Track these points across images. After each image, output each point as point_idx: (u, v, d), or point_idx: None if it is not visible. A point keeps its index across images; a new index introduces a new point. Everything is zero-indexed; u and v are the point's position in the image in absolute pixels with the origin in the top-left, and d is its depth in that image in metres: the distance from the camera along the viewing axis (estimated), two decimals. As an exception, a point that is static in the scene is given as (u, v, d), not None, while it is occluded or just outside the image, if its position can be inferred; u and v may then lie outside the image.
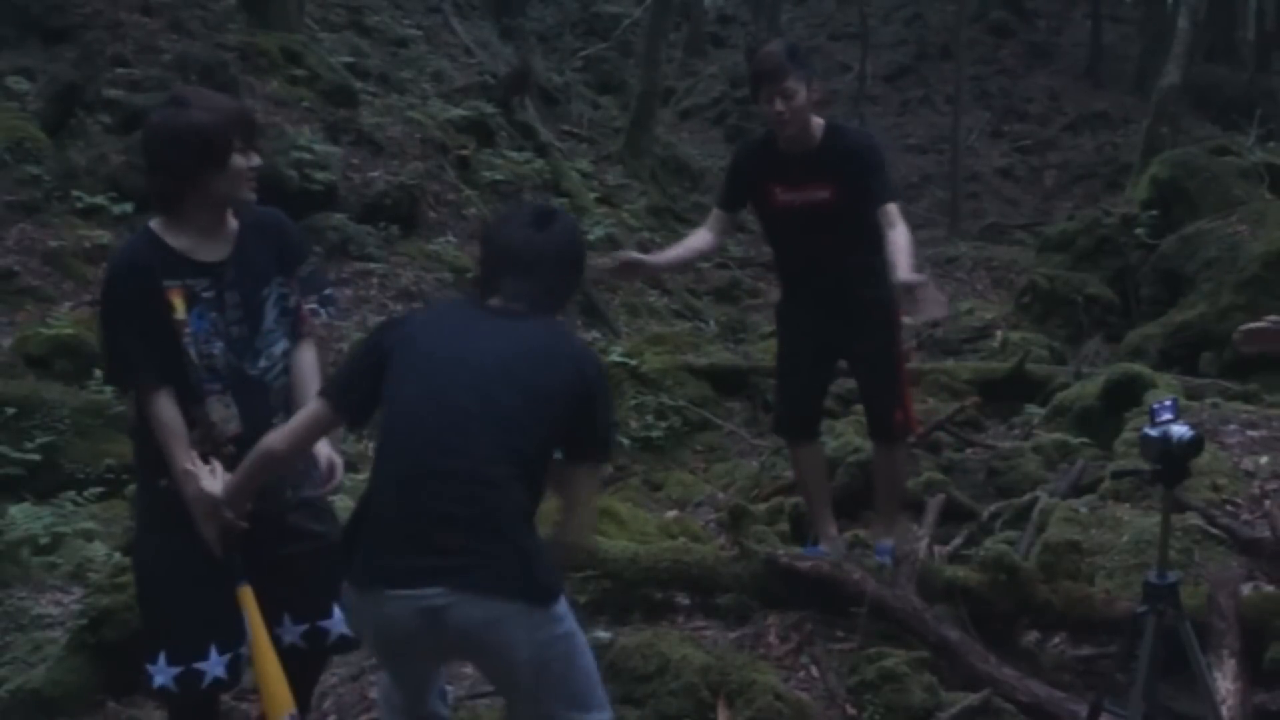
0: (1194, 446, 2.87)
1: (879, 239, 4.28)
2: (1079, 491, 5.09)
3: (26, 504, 4.99)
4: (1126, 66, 22.18)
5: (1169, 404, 2.94)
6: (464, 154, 11.68)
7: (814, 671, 3.76)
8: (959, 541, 4.84)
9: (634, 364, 7.54)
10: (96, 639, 3.80)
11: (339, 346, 7.60)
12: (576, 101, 18.16)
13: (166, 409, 2.77)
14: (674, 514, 5.48)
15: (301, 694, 3.03)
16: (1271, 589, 3.83)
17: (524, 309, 2.60)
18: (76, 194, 8.23)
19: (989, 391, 7.09)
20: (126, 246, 2.98)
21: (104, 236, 7.91)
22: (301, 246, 3.09)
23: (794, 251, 4.37)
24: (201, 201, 2.80)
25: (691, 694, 3.42)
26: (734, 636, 3.96)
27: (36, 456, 5.39)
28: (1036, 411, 6.71)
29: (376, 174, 10.34)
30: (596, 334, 9.56)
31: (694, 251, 4.56)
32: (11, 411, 5.52)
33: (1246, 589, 3.70)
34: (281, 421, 2.85)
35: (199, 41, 10.61)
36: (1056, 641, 4.08)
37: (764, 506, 5.08)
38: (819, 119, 4.28)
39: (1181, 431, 2.86)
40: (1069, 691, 3.52)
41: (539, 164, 12.75)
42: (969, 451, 6.15)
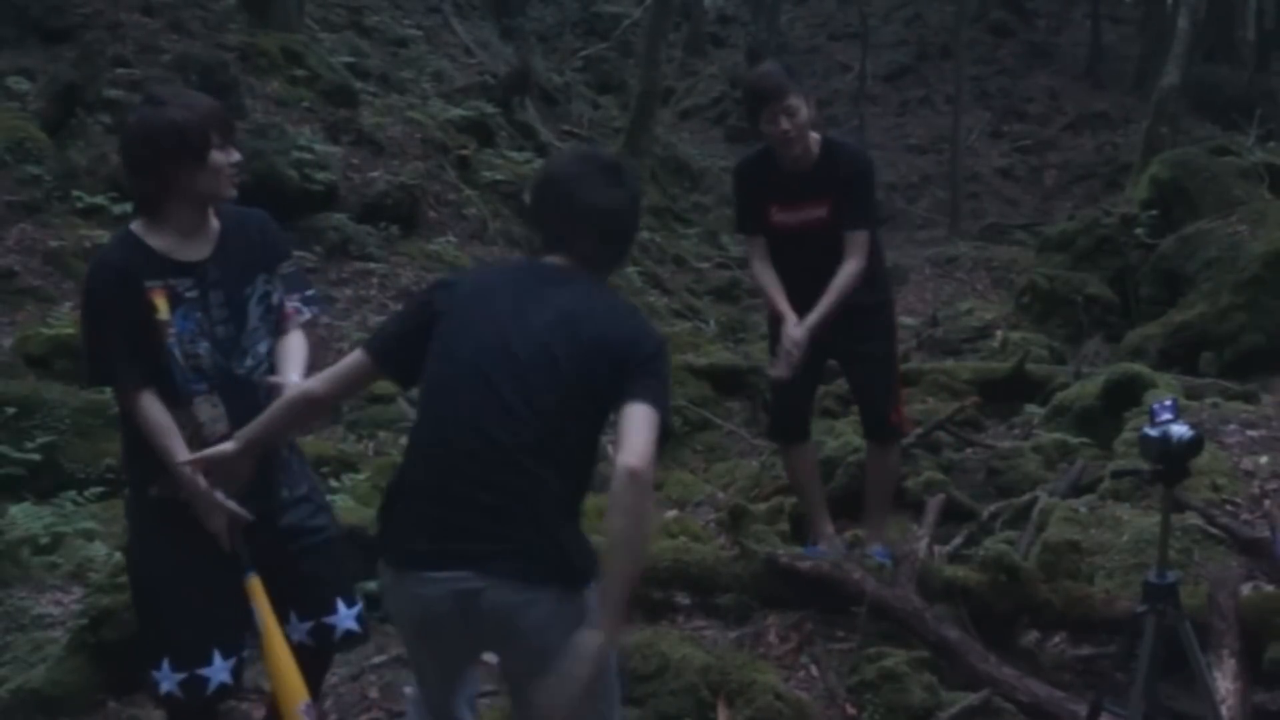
0: (1194, 446, 2.87)
1: (872, 247, 4.29)
2: (1079, 491, 5.09)
3: (26, 504, 4.99)
4: (1126, 66, 22.19)
5: (1169, 404, 2.94)
6: (464, 154, 11.69)
7: (814, 671, 3.76)
8: (959, 541, 4.83)
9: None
10: (96, 639, 3.80)
11: (339, 346, 7.61)
12: (576, 101, 18.17)
13: (153, 409, 2.76)
14: (674, 514, 5.48)
15: (312, 690, 3.01)
16: (1271, 589, 3.83)
17: (585, 271, 2.54)
18: (76, 194, 8.23)
19: (989, 391, 7.07)
20: (106, 248, 2.97)
21: (104, 236, 7.88)
22: (284, 244, 3.08)
23: (790, 267, 4.36)
24: (183, 200, 2.79)
25: (691, 694, 3.43)
26: (734, 636, 3.96)
27: (36, 456, 5.39)
28: (1036, 411, 6.70)
29: (376, 174, 10.34)
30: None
31: (779, 286, 4.32)
32: (11, 411, 5.52)
33: (1246, 589, 3.71)
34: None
35: (199, 41, 10.62)
36: (1056, 641, 4.08)
37: (764, 506, 5.08)
38: (815, 134, 4.26)
39: (1181, 431, 2.86)
40: (1069, 691, 3.52)
41: (539, 164, 12.75)
42: (969, 451, 6.14)
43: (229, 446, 2.73)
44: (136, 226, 2.84)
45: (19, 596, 4.36)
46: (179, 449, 2.75)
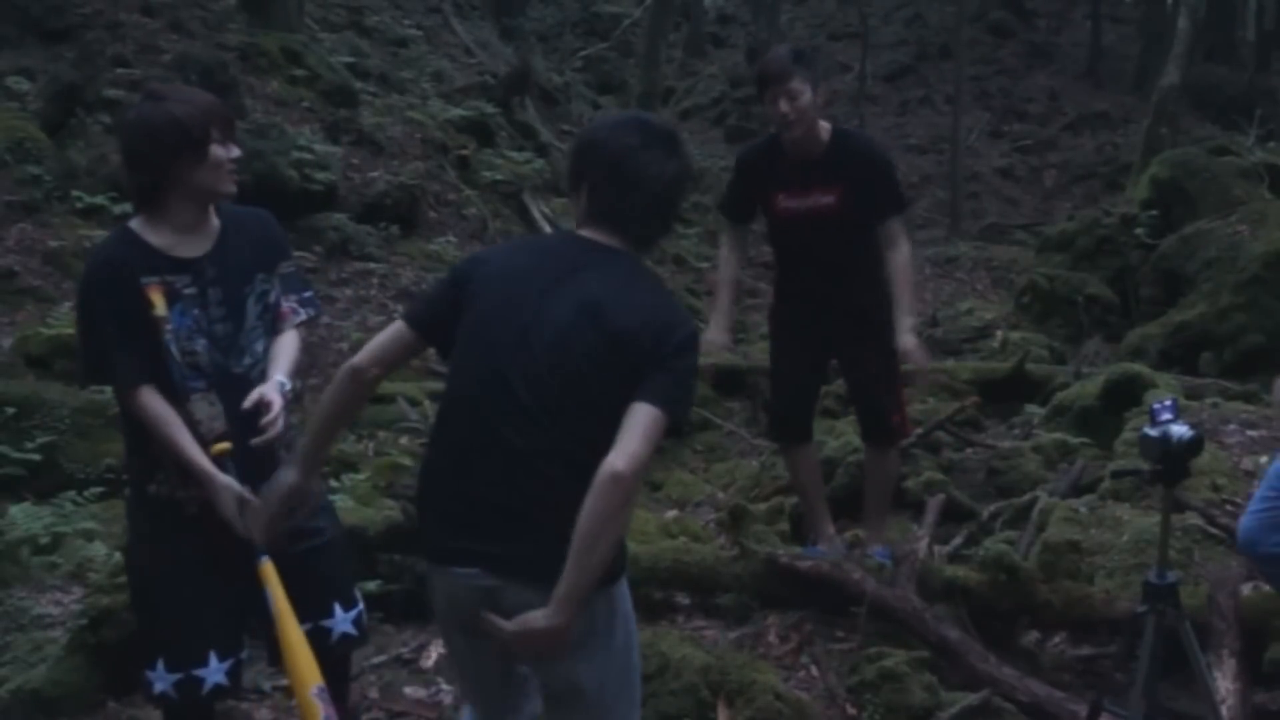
0: (1194, 446, 2.88)
1: (880, 246, 4.29)
2: (1079, 491, 5.09)
3: (26, 504, 4.98)
4: (1126, 66, 22.18)
5: (1169, 404, 2.94)
6: (464, 154, 11.68)
7: (814, 671, 3.77)
8: (959, 541, 4.84)
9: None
10: (96, 639, 3.79)
11: (339, 346, 7.61)
12: (576, 101, 18.16)
13: (155, 403, 2.73)
14: (674, 514, 5.48)
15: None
16: (1271, 589, 3.83)
17: (625, 246, 2.44)
18: (76, 194, 8.22)
19: (989, 391, 7.08)
20: (102, 244, 2.95)
21: (104, 236, 7.91)
22: (284, 244, 3.06)
23: (796, 257, 4.36)
24: (183, 195, 2.78)
25: (691, 694, 3.43)
26: (734, 636, 3.97)
27: (36, 456, 5.38)
28: (1036, 411, 6.71)
29: (376, 174, 10.34)
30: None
31: (735, 284, 4.57)
32: (11, 411, 5.51)
33: (1246, 589, 3.71)
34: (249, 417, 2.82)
35: (199, 41, 10.61)
36: (1056, 641, 4.08)
37: (764, 506, 5.08)
38: (825, 123, 4.26)
39: (1181, 431, 2.86)
40: (1069, 691, 3.52)
41: (539, 164, 12.75)
42: (969, 451, 6.14)
43: (290, 477, 2.64)
44: (135, 223, 2.83)
45: (19, 596, 4.35)
46: (184, 437, 2.72)
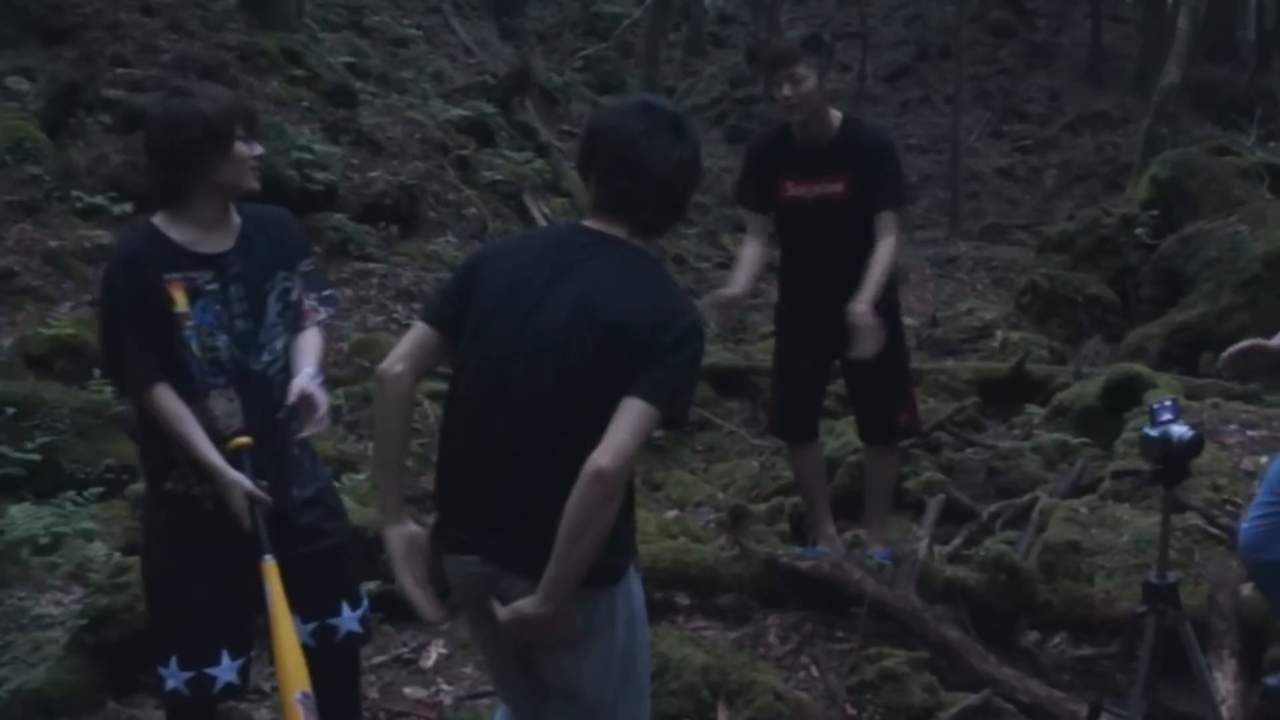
0: (1194, 446, 2.87)
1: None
2: (1079, 491, 5.09)
3: (26, 504, 4.98)
4: (1126, 66, 22.18)
5: (1169, 404, 2.94)
6: (464, 154, 11.68)
7: (814, 671, 3.77)
8: (959, 541, 4.83)
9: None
10: (96, 639, 3.79)
11: (339, 346, 7.61)
12: (576, 101, 18.16)
13: (171, 400, 2.75)
14: (674, 514, 5.48)
15: (332, 695, 2.97)
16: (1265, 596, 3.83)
17: (631, 235, 2.42)
18: (76, 194, 8.23)
19: (989, 391, 7.08)
20: (125, 239, 2.99)
21: (104, 236, 7.91)
22: (304, 243, 3.09)
23: (802, 248, 4.35)
24: (206, 191, 2.80)
25: (691, 694, 3.42)
26: (734, 636, 3.96)
27: (36, 456, 5.38)
28: (1036, 411, 6.71)
29: (376, 174, 10.34)
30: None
31: (758, 262, 4.41)
32: (11, 411, 5.52)
33: (1246, 589, 3.70)
34: (285, 416, 2.85)
35: (199, 41, 10.62)
36: (1056, 641, 4.08)
37: (764, 506, 5.08)
38: (836, 112, 4.27)
39: (1181, 431, 2.86)
40: (1069, 691, 3.53)
41: (539, 164, 12.76)
42: (969, 451, 6.14)
43: (413, 531, 2.51)
44: (158, 219, 2.85)
45: (19, 596, 4.35)
46: (197, 434, 2.74)
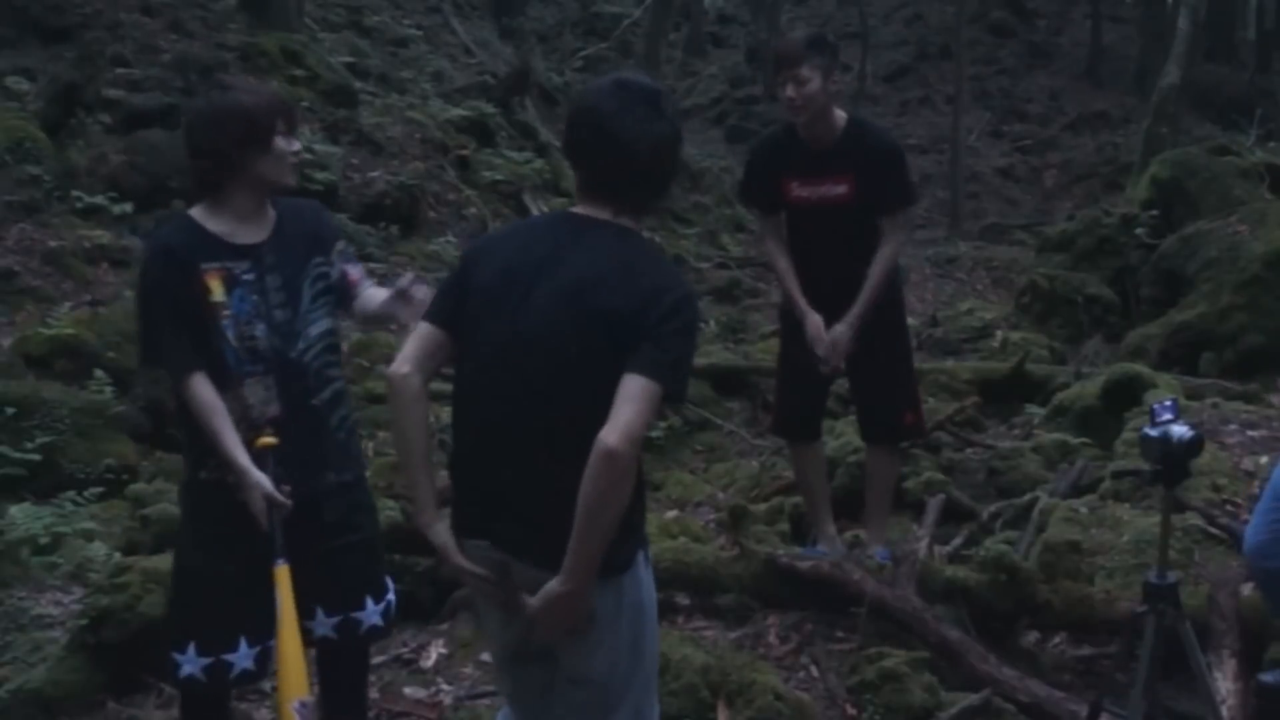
0: (1194, 446, 2.87)
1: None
2: (1079, 491, 5.09)
3: (26, 504, 4.98)
4: (1126, 66, 22.17)
5: (1169, 404, 2.94)
6: (464, 154, 11.69)
7: (814, 671, 3.77)
8: (959, 541, 4.83)
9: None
10: (96, 639, 3.80)
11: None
12: (576, 102, 18.15)
13: (204, 391, 2.80)
14: (674, 514, 5.48)
15: (342, 687, 3.09)
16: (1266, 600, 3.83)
17: (618, 217, 2.42)
18: (76, 194, 8.23)
19: (989, 391, 7.08)
20: (163, 230, 3.08)
21: (104, 236, 7.91)
22: (336, 227, 3.15)
23: (806, 249, 4.34)
24: (245, 185, 2.86)
25: (691, 694, 3.42)
26: (734, 636, 3.96)
27: (36, 456, 5.38)
28: (1036, 411, 6.70)
29: (376, 174, 10.34)
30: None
31: (790, 265, 4.39)
32: (11, 411, 5.52)
33: (1246, 589, 3.70)
34: (320, 402, 2.92)
35: (199, 41, 10.63)
36: (1056, 641, 4.08)
37: (764, 506, 5.08)
38: (842, 112, 4.26)
39: (1181, 431, 2.86)
40: (1069, 691, 3.52)
41: (539, 164, 12.75)
42: (969, 451, 6.14)
43: (438, 538, 2.51)
44: (196, 211, 2.91)
45: (19, 596, 4.35)
46: (226, 429, 2.79)
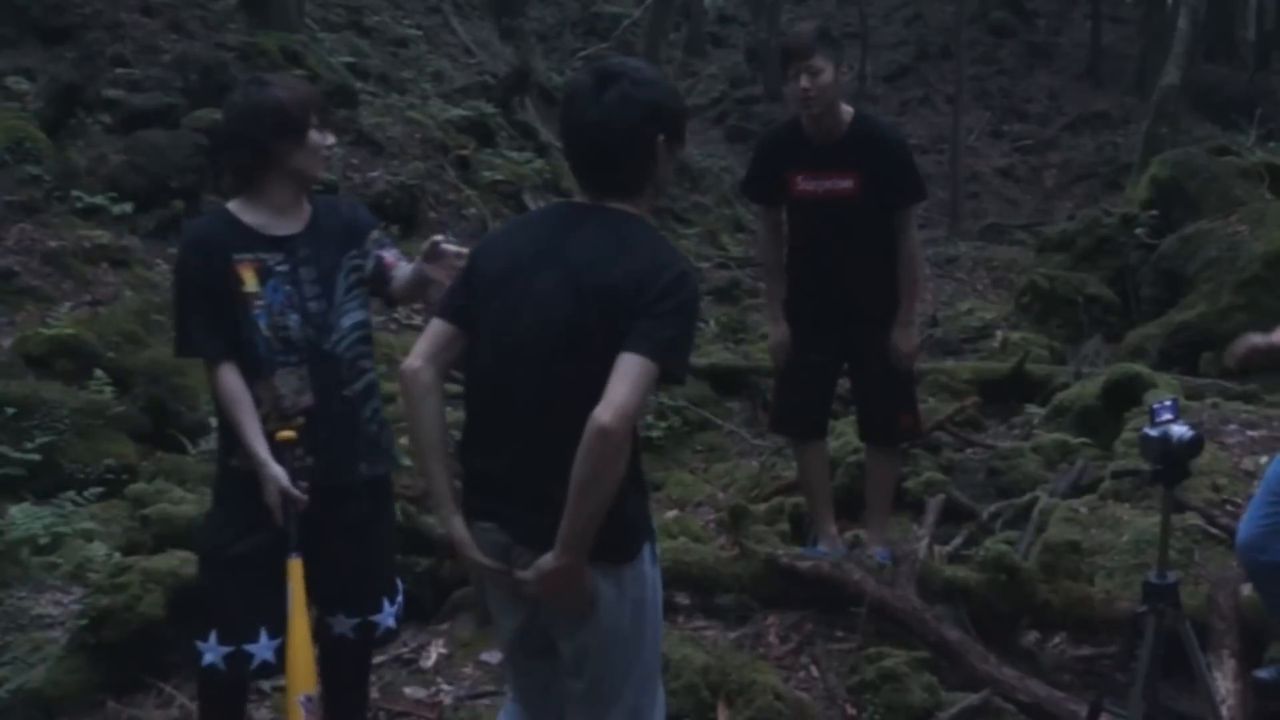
0: (1194, 446, 2.88)
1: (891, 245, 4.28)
2: (1079, 491, 5.09)
3: (26, 504, 4.98)
4: (1126, 66, 22.17)
5: (1169, 404, 2.94)
6: (464, 154, 11.68)
7: (814, 671, 3.77)
8: (959, 541, 4.83)
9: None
10: (96, 639, 3.80)
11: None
12: (576, 102, 18.13)
13: (231, 381, 2.85)
14: (674, 514, 5.48)
15: (346, 684, 3.17)
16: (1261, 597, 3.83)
17: (609, 202, 2.41)
18: (76, 194, 8.23)
19: (989, 391, 7.08)
20: (198, 222, 3.15)
21: (104, 236, 7.91)
22: (370, 218, 3.20)
23: (811, 244, 4.33)
24: (280, 176, 2.91)
25: (691, 694, 3.43)
26: (734, 636, 3.96)
27: (36, 456, 5.39)
28: (1036, 411, 6.70)
29: (376, 174, 10.34)
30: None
31: (780, 266, 4.46)
32: (11, 411, 5.52)
33: (1246, 589, 3.70)
34: (353, 393, 2.97)
35: (199, 41, 10.63)
36: (1056, 641, 4.08)
37: (764, 506, 5.08)
38: (848, 107, 4.26)
39: (1181, 431, 2.86)
40: (1069, 691, 3.53)
41: (539, 164, 12.75)
42: (969, 451, 6.13)
43: (453, 529, 2.51)
44: (233, 204, 2.97)
45: (19, 596, 4.36)
46: (249, 420, 2.84)
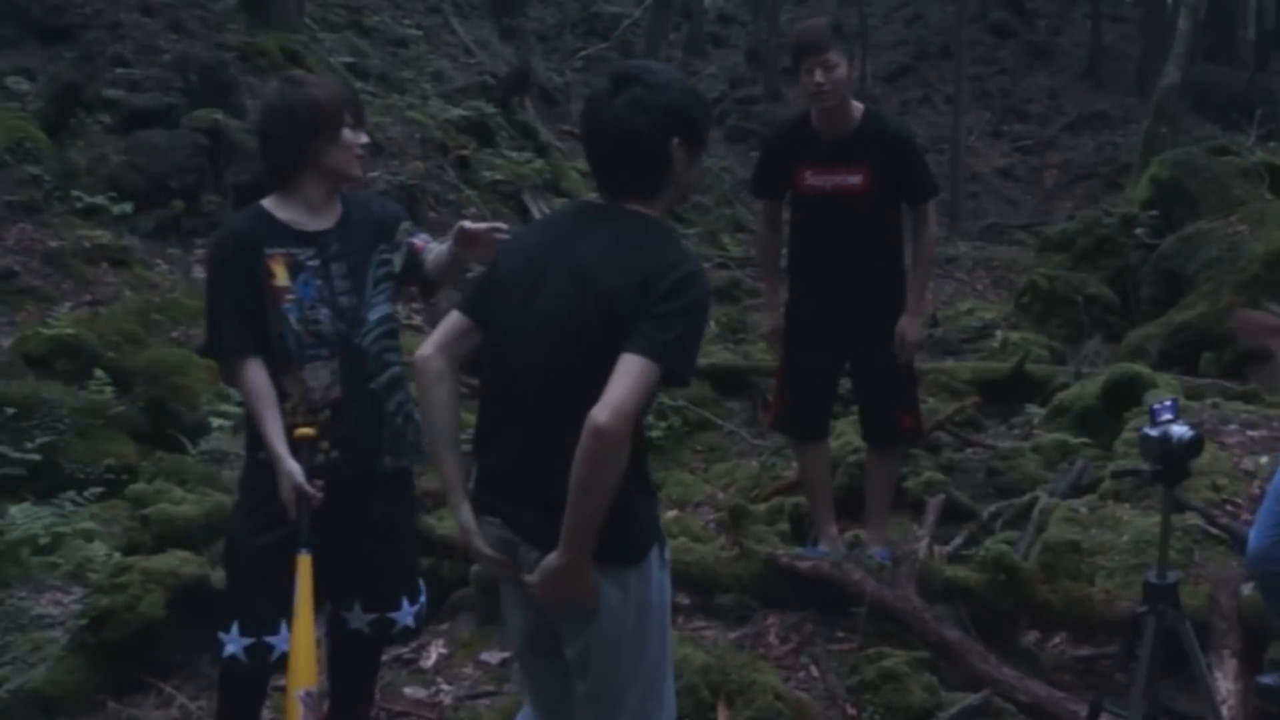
0: (1194, 446, 2.88)
1: (902, 238, 4.29)
2: (1079, 491, 5.09)
3: (26, 504, 4.98)
4: (1126, 66, 22.17)
5: (1169, 404, 2.94)
6: (464, 154, 11.68)
7: (814, 671, 3.77)
8: (959, 541, 4.83)
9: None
10: (96, 639, 3.80)
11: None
12: (576, 101, 18.14)
13: (256, 376, 2.90)
14: (674, 514, 5.48)
15: (353, 680, 3.21)
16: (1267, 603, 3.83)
17: (625, 203, 2.42)
18: (76, 194, 8.23)
19: (989, 391, 7.08)
20: (233, 218, 3.22)
21: (104, 236, 7.91)
22: (399, 212, 3.23)
23: (817, 239, 4.32)
24: (314, 174, 2.96)
25: (691, 694, 3.42)
26: (734, 636, 3.97)
27: (36, 456, 5.38)
28: (1036, 411, 6.70)
29: (376, 174, 10.34)
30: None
31: (776, 256, 4.54)
32: (11, 411, 5.51)
33: (1246, 589, 3.70)
34: (378, 386, 3.00)
35: (199, 41, 10.63)
36: (1056, 641, 4.08)
37: (764, 506, 5.08)
38: (858, 103, 4.27)
39: (1181, 431, 2.86)
40: (1069, 691, 3.53)
41: (539, 164, 12.74)
42: (969, 451, 6.13)
43: (462, 517, 2.53)
44: (267, 202, 3.01)
45: (19, 596, 4.36)
46: (270, 415, 2.88)
